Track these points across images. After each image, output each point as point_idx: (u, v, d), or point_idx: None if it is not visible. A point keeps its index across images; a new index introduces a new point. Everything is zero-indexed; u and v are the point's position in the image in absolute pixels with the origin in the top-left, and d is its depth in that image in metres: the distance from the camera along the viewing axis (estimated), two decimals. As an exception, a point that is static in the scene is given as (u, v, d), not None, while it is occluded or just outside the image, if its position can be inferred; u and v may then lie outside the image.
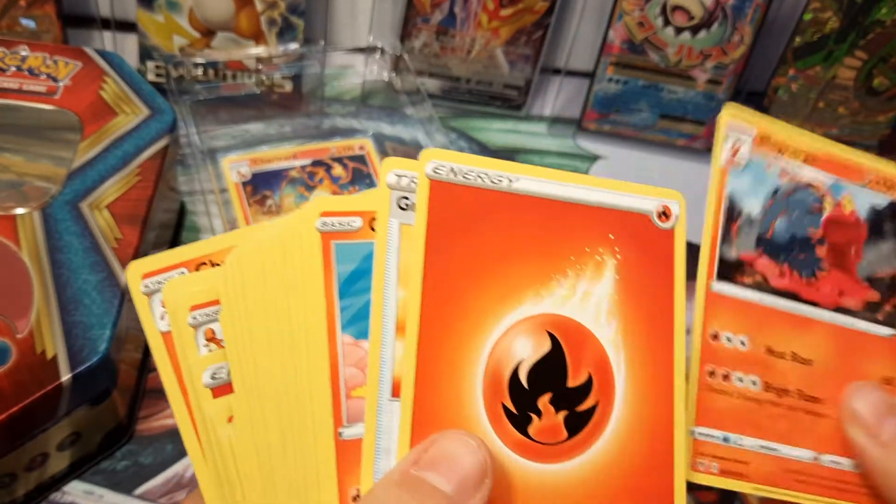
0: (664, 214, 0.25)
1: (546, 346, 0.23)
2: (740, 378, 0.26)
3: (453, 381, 0.22)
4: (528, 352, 0.23)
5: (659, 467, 0.23)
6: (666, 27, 0.57)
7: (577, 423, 0.23)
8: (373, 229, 0.23)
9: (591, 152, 0.63)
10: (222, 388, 0.23)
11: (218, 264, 0.24)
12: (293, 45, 0.59)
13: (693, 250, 0.25)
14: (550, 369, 0.23)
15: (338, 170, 0.55)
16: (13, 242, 0.38)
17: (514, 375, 0.23)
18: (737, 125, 0.27)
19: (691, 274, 0.26)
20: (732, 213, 0.28)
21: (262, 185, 0.53)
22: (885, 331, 0.29)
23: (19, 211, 0.39)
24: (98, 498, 0.40)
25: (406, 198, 0.23)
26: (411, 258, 0.22)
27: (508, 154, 0.61)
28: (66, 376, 0.35)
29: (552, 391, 0.23)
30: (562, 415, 0.23)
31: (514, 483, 0.22)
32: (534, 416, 0.23)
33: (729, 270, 0.27)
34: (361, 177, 0.55)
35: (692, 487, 0.24)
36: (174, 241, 0.51)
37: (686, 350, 0.25)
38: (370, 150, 0.57)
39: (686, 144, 0.63)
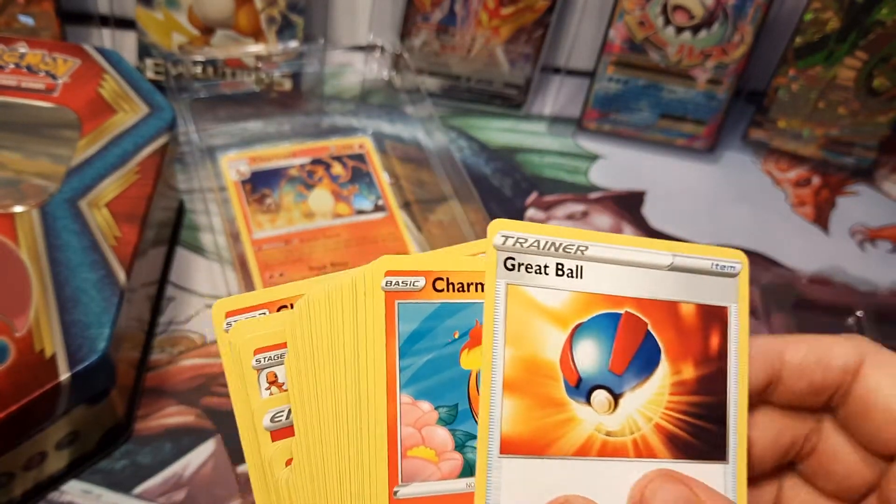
0: None
1: None
2: None
3: None
4: None
5: None
6: (666, 27, 0.57)
7: None
8: (436, 290, 0.23)
9: (591, 152, 0.62)
10: (282, 432, 0.23)
11: None
12: (293, 43, 0.59)
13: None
14: None
15: (337, 168, 0.55)
16: (11, 241, 0.38)
17: None
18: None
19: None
20: None
21: (261, 184, 0.53)
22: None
23: (17, 209, 0.39)
24: (96, 497, 0.40)
25: (512, 258, 0.24)
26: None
27: (508, 153, 0.61)
28: (64, 375, 0.34)
29: None
30: None
31: None
32: None
33: None
34: (361, 175, 0.55)
35: None
36: (173, 240, 0.51)
37: None
38: (370, 148, 0.57)
39: (686, 144, 0.63)
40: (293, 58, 0.59)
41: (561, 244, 0.24)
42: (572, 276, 0.24)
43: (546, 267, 0.24)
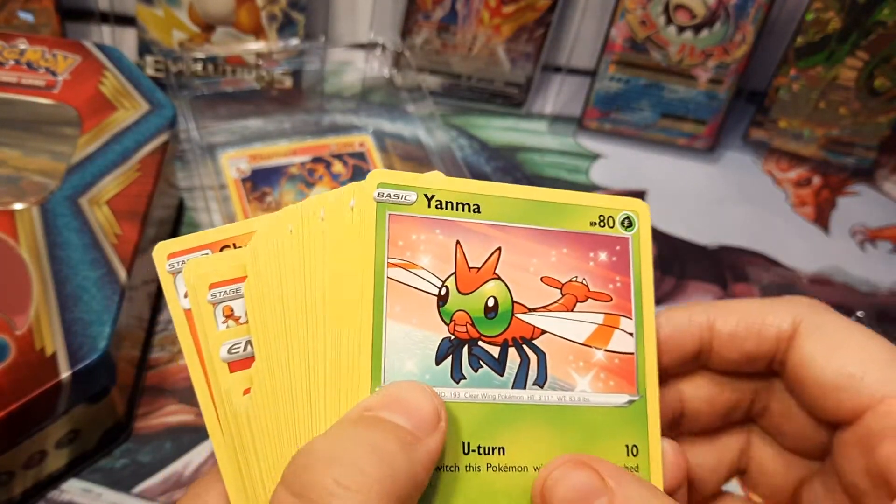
0: None
1: None
2: None
3: None
4: None
5: None
6: (668, 26, 0.57)
7: None
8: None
9: (592, 151, 0.62)
10: (239, 363, 0.23)
11: (240, 247, 0.24)
12: (293, 41, 0.59)
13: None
14: None
15: (338, 167, 0.55)
16: (11, 238, 0.38)
17: None
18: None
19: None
20: None
21: (261, 182, 0.53)
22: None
23: (18, 206, 0.39)
24: (96, 496, 0.40)
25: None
26: None
27: (509, 152, 0.61)
28: (65, 374, 0.34)
29: None
30: None
31: None
32: None
33: None
34: (362, 174, 0.55)
35: None
36: (173, 238, 0.51)
37: None
38: (370, 147, 0.57)
39: (687, 144, 0.62)
40: (294, 55, 0.59)
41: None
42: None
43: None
